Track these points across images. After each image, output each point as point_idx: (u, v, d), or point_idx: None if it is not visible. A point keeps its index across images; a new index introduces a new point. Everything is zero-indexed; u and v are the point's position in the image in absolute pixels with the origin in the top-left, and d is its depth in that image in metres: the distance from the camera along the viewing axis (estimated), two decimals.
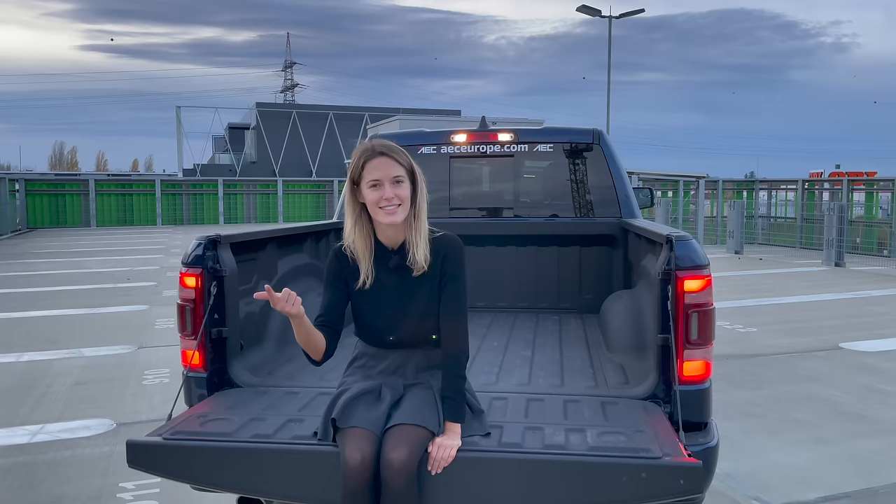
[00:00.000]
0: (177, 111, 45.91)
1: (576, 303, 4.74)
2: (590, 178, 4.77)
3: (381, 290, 2.44)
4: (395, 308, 2.43)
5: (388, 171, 2.33)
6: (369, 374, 2.48)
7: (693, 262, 2.62)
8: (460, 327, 2.41)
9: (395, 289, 2.43)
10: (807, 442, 4.64)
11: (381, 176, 2.33)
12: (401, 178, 2.35)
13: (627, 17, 26.75)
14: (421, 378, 2.46)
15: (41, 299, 10.44)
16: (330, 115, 47.69)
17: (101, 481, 4.02)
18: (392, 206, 2.33)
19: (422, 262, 2.37)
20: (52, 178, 40.72)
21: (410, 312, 2.42)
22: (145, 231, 26.20)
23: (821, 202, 19.78)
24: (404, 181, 2.36)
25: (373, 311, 2.45)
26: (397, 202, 2.33)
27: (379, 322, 2.45)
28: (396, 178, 2.34)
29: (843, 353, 7.02)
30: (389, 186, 2.33)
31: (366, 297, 2.45)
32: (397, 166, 2.35)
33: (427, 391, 2.41)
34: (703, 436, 2.62)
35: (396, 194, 2.33)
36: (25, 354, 7.06)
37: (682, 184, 21.51)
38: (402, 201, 2.34)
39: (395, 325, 2.44)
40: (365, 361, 2.52)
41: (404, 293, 2.43)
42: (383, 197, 2.32)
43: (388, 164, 2.34)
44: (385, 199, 2.32)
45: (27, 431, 4.86)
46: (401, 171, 2.36)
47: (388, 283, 2.44)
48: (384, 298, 2.44)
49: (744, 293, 10.86)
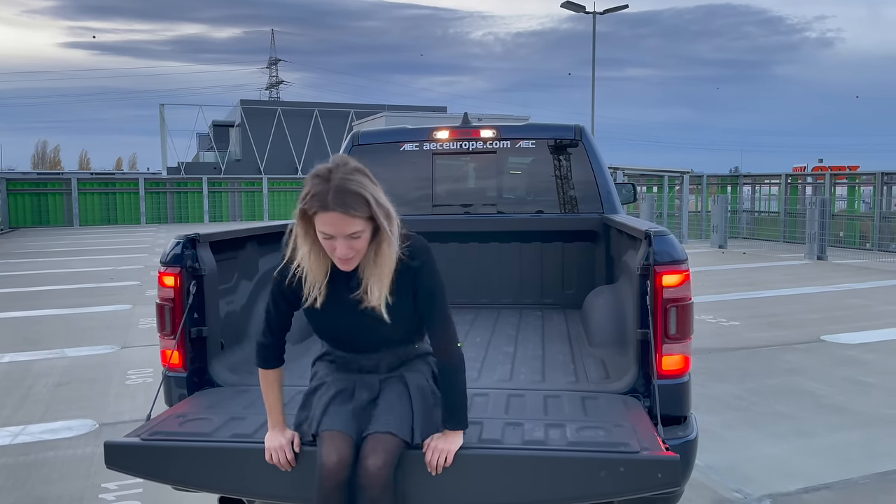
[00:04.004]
0: (160, 109, 45.66)
1: (559, 298, 4.76)
2: (572, 175, 4.79)
3: (341, 306, 2.25)
4: (357, 325, 2.26)
5: (342, 229, 2.05)
6: (341, 369, 2.40)
7: (671, 257, 2.64)
8: (451, 338, 2.30)
9: (355, 315, 2.24)
10: (788, 434, 4.69)
11: (335, 233, 2.06)
12: (357, 233, 2.08)
13: (613, 13, 26.83)
14: (395, 372, 2.38)
15: (23, 299, 10.34)
16: (315, 112, 47.56)
17: (84, 482, 3.99)
18: (346, 259, 2.11)
19: (378, 294, 2.16)
20: (34, 177, 40.34)
21: (376, 327, 2.25)
22: (129, 230, 26.01)
23: (804, 196, 19.95)
24: (363, 234, 2.09)
25: (332, 327, 2.32)
26: (351, 254, 2.10)
27: (341, 336, 2.33)
28: (352, 234, 2.07)
29: (824, 346, 7.09)
30: (343, 241, 2.07)
31: (324, 314, 2.27)
32: (353, 222, 2.05)
33: (401, 388, 2.34)
34: (682, 429, 2.64)
35: (351, 246, 2.09)
36: (7, 355, 6.99)
37: (666, 179, 21.63)
38: (357, 252, 2.11)
39: (359, 339, 2.31)
40: (335, 358, 2.43)
41: (365, 320, 2.23)
42: (335, 253, 2.10)
43: (342, 221, 2.04)
44: (338, 256, 2.11)
45: (9, 433, 4.82)
46: (358, 226, 2.06)
47: (349, 300, 2.23)
48: (345, 316, 2.26)
49: (727, 287, 10.94)
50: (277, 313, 2.34)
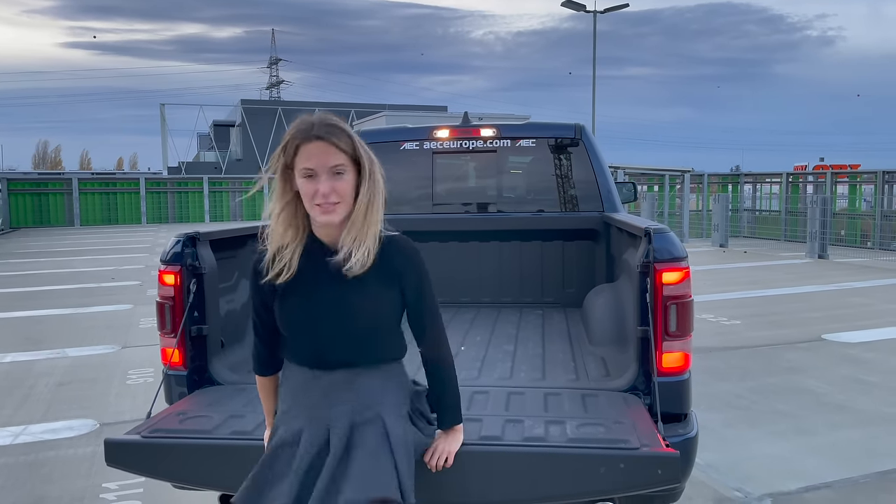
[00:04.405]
0: (161, 109, 45.66)
1: (559, 297, 4.76)
2: (572, 173, 4.79)
3: (316, 295, 2.01)
4: (333, 318, 2.00)
5: (325, 160, 1.87)
6: (306, 405, 2.05)
7: (671, 254, 2.64)
8: (441, 332, 2.16)
9: (333, 295, 1.99)
10: (789, 433, 4.68)
11: (317, 165, 1.87)
12: (341, 167, 1.89)
13: (614, 12, 26.81)
14: (369, 411, 2.02)
15: (24, 299, 10.35)
16: (316, 111, 47.34)
17: (85, 482, 4.00)
18: (329, 203, 1.88)
19: (362, 260, 1.93)
20: (35, 177, 40.33)
21: (354, 324, 2.01)
22: (130, 230, 26.01)
23: (805, 195, 19.94)
24: (346, 172, 1.90)
25: (304, 321, 2.02)
26: (335, 199, 1.89)
27: (312, 335, 2.02)
28: (335, 168, 1.89)
29: (825, 345, 7.09)
30: (326, 179, 1.88)
31: (295, 303, 2.02)
32: (337, 153, 1.88)
33: (378, 433, 1.99)
34: (682, 427, 2.64)
35: (335, 189, 1.88)
36: (8, 355, 7.00)
37: (667, 178, 21.62)
38: (341, 198, 1.90)
39: (333, 340, 2.01)
40: (299, 386, 2.08)
41: (345, 300, 2.00)
42: (318, 191, 1.88)
43: (325, 151, 1.88)
44: (321, 195, 1.88)
45: (10, 433, 4.82)
46: (341, 158, 1.89)
47: (325, 287, 2.00)
48: (320, 306, 2.01)
49: (728, 286, 10.93)
50: (258, 314, 2.15)
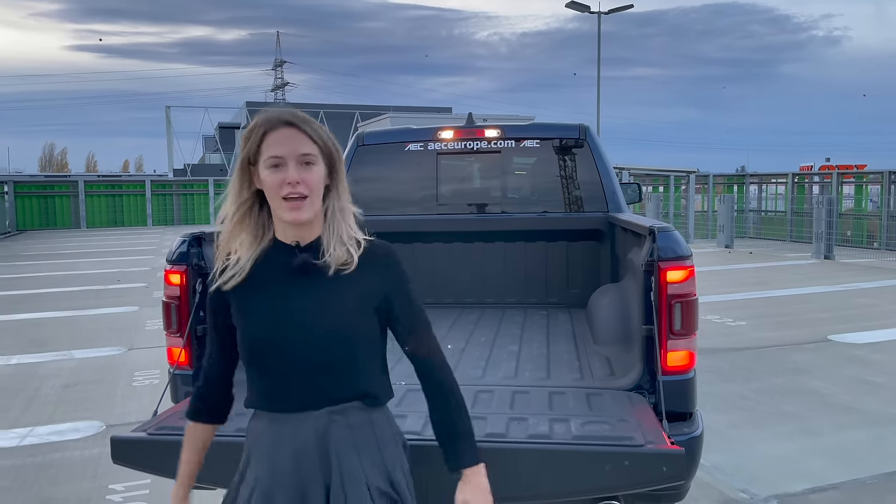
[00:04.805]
0: (166, 111, 45.71)
1: (564, 297, 4.75)
2: (577, 174, 4.78)
3: (280, 298, 1.70)
4: (301, 325, 1.67)
5: (295, 147, 1.65)
6: (277, 459, 1.72)
7: (675, 252, 2.64)
8: (440, 350, 1.82)
9: (300, 297, 1.69)
10: (795, 434, 4.67)
11: (285, 152, 1.65)
12: (311, 157, 1.67)
13: (619, 13, 26.80)
14: (349, 466, 1.68)
15: (31, 301, 10.40)
16: (321, 113, 47.57)
17: (91, 483, 4.01)
18: (296, 194, 1.64)
19: (342, 256, 1.69)
20: (41, 179, 40.56)
21: (327, 332, 1.66)
22: (136, 232, 26.10)
23: (811, 195, 19.88)
24: (316, 163, 1.67)
25: (268, 332, 1.68)
26: (305, 191, 1.65)
27: (277, 354, 1.68)
28: (305, 156, 1.66)
29: (831, 346, 7.07)
30: (295, 167, 1.64)
31: (254, 309, 1.70)
32: (307, 142, 1.67)
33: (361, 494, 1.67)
34: (687, 425, 2.64)
35: (304, 179, 1.64)
36: (14, 357, 7.03)
37: (672, 179, 21.59)
38: (310, 190, 1.66)
39: (302, 360, 1.67)
40: (264, 431, 1.77)
41: (317, 302, 1.68)
42: (286, 181, 1.63)
43: (295, 138, 1.66)
44: (288, 184, 1.63)
45: (16, 434, 4.84)
46: (312, 148, 1.67)
47: (290, 288, 1.69)
48: (284, 311, 1.68)
49: (733, 287, 10.91)
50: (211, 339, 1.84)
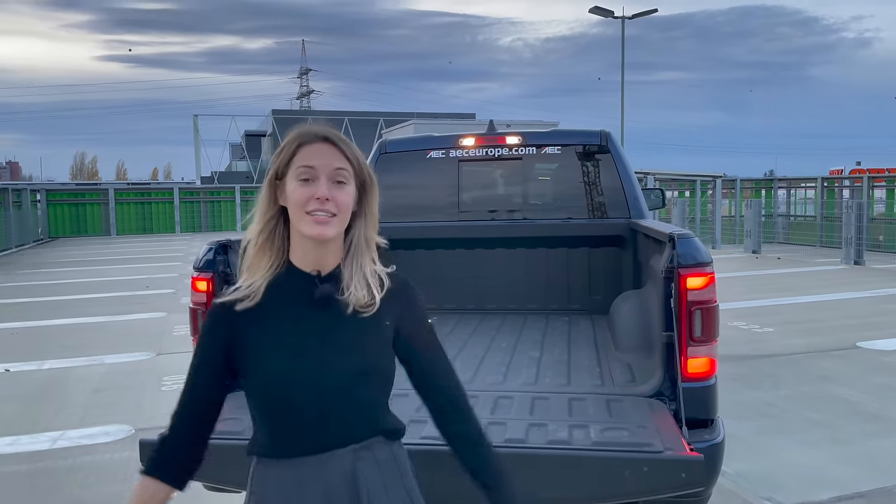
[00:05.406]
0: (194, 119, 46.42)
1: (586, 304, 4.75)
2: (598, 180, 4.79)
3: (303, 332, 1.55)
4: (327, 363, 1.52)
5: (330, 161, 1.54)
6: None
7: (695, 259, 2.64)
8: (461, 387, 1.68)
9: (324, 332, 1.55)
10: (822, 442, 4.62)
11: (318, 164, 1.53)
12: (344, 175, 1.55)
13: (644, 17, 26.66)
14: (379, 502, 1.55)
15: (62, 308, 10.60)
16: (345, 120, 47.97)
17: (121, 486, 4.08)
18: (325, 212, 1.51)
19: (363, 299, 1.55)
20: (72, 187, 41.28)
21: (355, 370, 1.54)
22: (164, 239, 26.48)
23: (841, 200, 19.58)
24: (348, 183, 1.56)
25: (293, 369, 1.52)
26: (333, 209, 1.52)
27: (302, 393, 1.51)
28: (338, 171, 1.54)
29: (859, 353, 6.96)
30: (326, 183, 1.52)
31: (274, 342, 1.54)
32: (343, 160, 1.56)
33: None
34: (708, 433, 2.64)
35: (334, 197, 1.52)
36: (47, 362, 7.18)
37: (698, 183, 21.41)
38: (339, 210, 1.53)
39: (328, 400, 1.52)
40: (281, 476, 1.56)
41: (342, 338, 1.55)
42: (315, 195, 1.51)
43: (330, 153, 1.55)
44: (317, 199, 1.51)
45: (48, 437, 4.95)
46: (345, 165, 1.56)
47: (311, 322, 1.55)
48: (308, 347, 1.53)
49: (760, 293, 10.79)
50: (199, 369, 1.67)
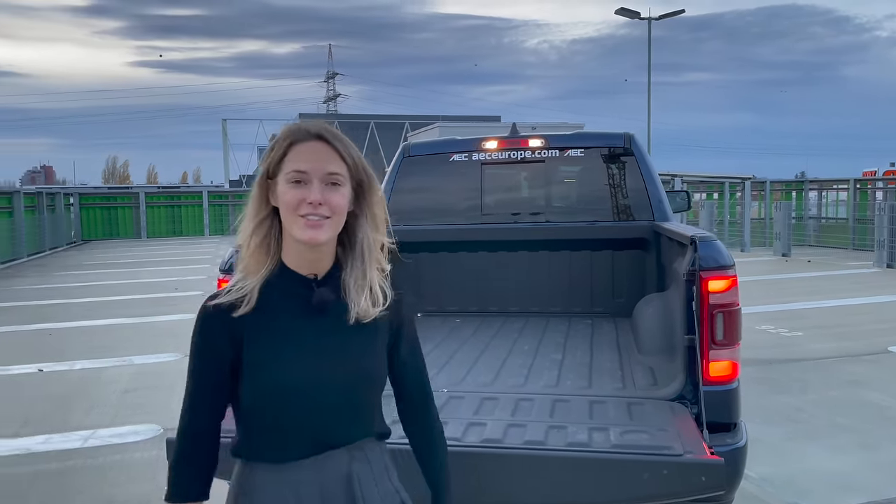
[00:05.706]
0: (223, 124, 47.06)
1: (609, 307, 4.74)
2: (622, 182, 4.77)
3: (302, 338, 1.49)
4: (329, 369, 1.48)
5: (322, 164, 1.44)
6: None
7: (717, 262, 2.63)
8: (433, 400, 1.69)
9: (324, 337, 1.49)
10: (850, 447, 4.55)
11: (310, 168, 1.44)
12: (338, 178, 1.45)
13: (671, 18, 26.46)
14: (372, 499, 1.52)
15: (95, 309, 10.80)
16: (371, 124, 48.25)
17: (150, 485, 4.15)
18: (317, 216, 1.43)
19: (364, 311, 1.48)
20: (104, 191, 42.02)
21: (356, 376, 1.50)
22: (193, 241, 26.81)
23: (874, 202, 19.22)
24: (343, 184, 1.46)
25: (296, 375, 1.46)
26: (327, 212, 1.44)
27: (303, 399, 1.46)
28: (332, 176, 1.45)
29: (891, 357, 6.84)
30: (319, 186, 1.43)
31: (274, 348, 1.46)
32: (337, 160, 1.46)
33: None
34: (730, 437, 2.62)
35: (327, 200, 1.43)
36: (79, 363, 7.32)
37: (727, 185, 21.16)
38: (333, 212, 1.45)
39: (328, 405, 1.48)
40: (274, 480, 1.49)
41: (343, 343, 1.50)
42: (307, 200, 1.42)
43: (323, 154, 1.45)
44: (309, 204, 1.42)
45: (79, 437, 5.05)
46: (340, 167, 1.46)
47: (310, 327, 1.49)
48: (310, 353, 1.48)
49: (789, 296, 10.64)
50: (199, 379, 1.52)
